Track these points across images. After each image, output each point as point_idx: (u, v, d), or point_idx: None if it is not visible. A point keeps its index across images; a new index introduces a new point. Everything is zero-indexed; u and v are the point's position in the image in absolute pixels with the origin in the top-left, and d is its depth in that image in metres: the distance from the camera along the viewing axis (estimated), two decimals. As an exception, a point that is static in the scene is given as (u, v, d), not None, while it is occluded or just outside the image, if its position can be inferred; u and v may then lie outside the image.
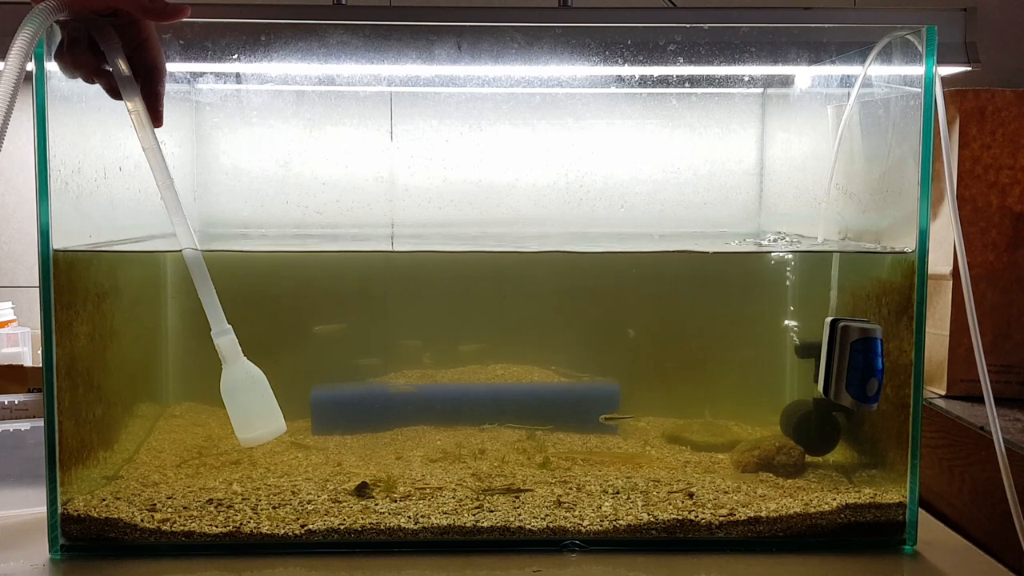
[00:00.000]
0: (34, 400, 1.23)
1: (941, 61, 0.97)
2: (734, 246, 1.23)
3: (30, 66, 0.74)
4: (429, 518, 0.97)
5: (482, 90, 1.23)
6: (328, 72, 1.21)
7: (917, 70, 0.95)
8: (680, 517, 0.98)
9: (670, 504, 1.00)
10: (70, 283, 0.94)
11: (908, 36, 0.97)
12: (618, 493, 1.02)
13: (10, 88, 0.69)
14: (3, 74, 0.69)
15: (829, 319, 1.03)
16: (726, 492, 1.02)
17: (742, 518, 0.98)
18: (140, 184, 1.00)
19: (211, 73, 1.17)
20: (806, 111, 1.27)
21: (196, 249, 0.83)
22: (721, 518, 0.98)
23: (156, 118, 0.85)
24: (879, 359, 0.98)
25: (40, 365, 0.95)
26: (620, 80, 1.18)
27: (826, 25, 1.15)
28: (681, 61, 1.09)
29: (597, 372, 1.22)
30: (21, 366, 1.32)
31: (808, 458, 1.09)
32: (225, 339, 0.85)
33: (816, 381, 1.05)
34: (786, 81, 1.28)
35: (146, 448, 1.11)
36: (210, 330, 0.84)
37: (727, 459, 1.11)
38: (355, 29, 1.08)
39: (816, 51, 1.15)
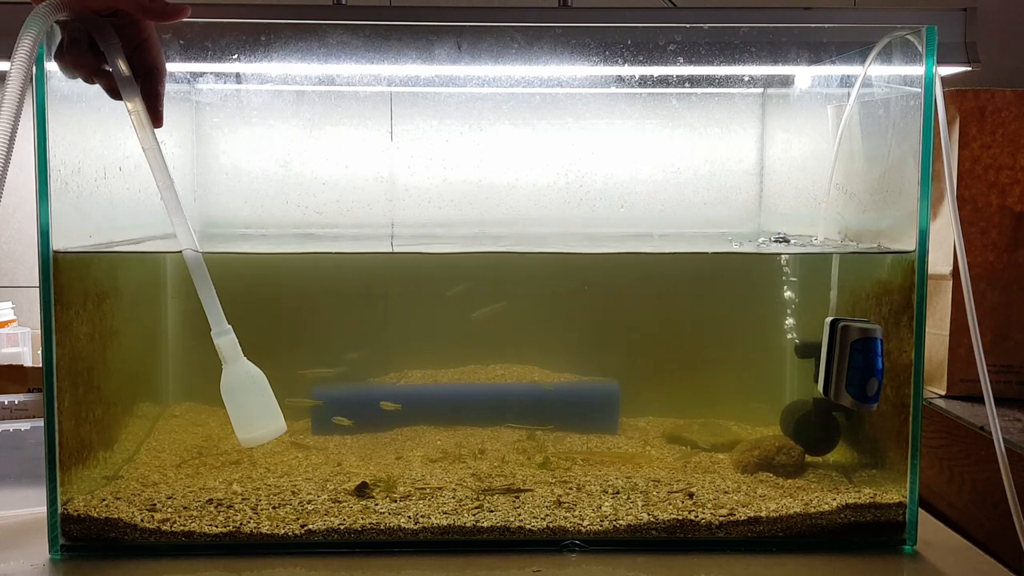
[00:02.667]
0: (34, 400, 1.23)
1: (941, 61, 0.97)
2: (736, 246, 1.23)
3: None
4: (429, 518, 0.97)
5: (482, 90, 1.23)
6: (328, 72, 1.21)
7: (917, 70, 0.95)
8: (680, 517, 0.98)
9: (670, 504, 1.00)
10: (70, 283, 0.94)
11: (908, 36, 0.97)
12: (618, 493, 1.02)
13: (15, 99, 0.69)
14: (8, 85, 0.69)
15: (829, 319, 1.03)
16: (726, 492, 1.02)
17: (742, 518, 0.98)
18: (140, 184, 1.00)
19: (211, 73, 1.17)
20: (806, 111, 1.27)
21: (196, 250, 0.83)
22: (721, 518, 0.98)
23: (156, 118, 0.85)
24: (879, 359, 0.98)
25: (40, 365, 0.95)
26: (620, 80, 1.18)
27: (826, 25, 1.15)
28: (681, 61, 1.09)
29: (597, 372, 1.22)
30: (21, 366, 1.32)
31: (808, 458, 1.09)
32: (225, 339, 0.85)
33: (816, 381, 1.05)
34: (786, 81, 1.28)
35: (146, 448, 1.11)
36: (210, 330, 0.84)
37: (727, 459, 1.11)
38: (355, 29, 1.08)
39: (816, 51, 1.15)
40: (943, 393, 1.21)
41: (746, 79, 1.25)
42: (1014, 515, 0.88)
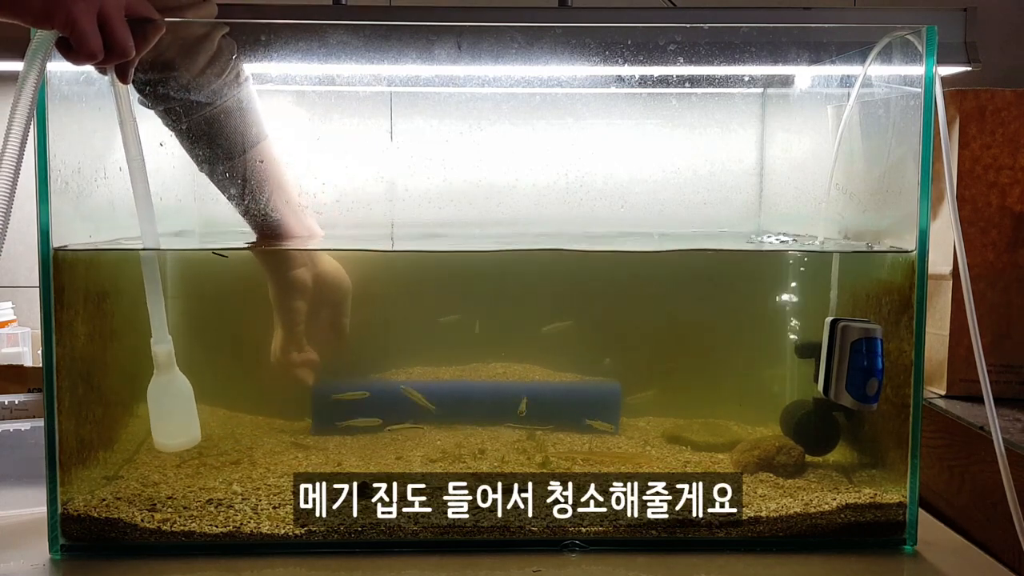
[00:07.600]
0: (34, 400, 1.23)
1: (941, 61, 0.97)
2: (736, 245, 1.23)
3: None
4: (429, 518, 0.97)
5: (482, 90, 1.23)
6: (328, 72, 1.21)
7: (917, 70, 0.95)
8: (680, 517, 0.98)
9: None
10: (70, 283, 0.94)
11: (908, 36, 0.97)
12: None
13: (20, 134, 0.70)
14: (13, 117, 0.71)
15: (829, 319, 1.03)
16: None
17: (742, 518, 0.98)
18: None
19: (211, 73, 1.17)
20: (806, 111, 1.27)
21: (157, 249, 0.85)
22: (721, 518, 0.98)
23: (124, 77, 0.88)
24: (879, 359, 0.98)
25: (40, 365, 0.95)
26: (620, 80, 1.18)
27: (826, 25, 1.15)
28: (681, 61, 1.09)
29: (597, 372, 1.22)
30: (21, 366, 1.32)
31: (808, 458, 1.09)
32: (163, 348, 0.90)
33: (816, 381, 1.05)
34: (786, 81, 1.28)
35: (146, 448, 1.11)
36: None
37: (727, 459, 1.11)
38: (355, 29, 1.08)
39: (816, 51, 1.15)
40: (943, 393, 1.21)
41: (746, 79, 1.25)
42: (1014, 515, 0.88)
